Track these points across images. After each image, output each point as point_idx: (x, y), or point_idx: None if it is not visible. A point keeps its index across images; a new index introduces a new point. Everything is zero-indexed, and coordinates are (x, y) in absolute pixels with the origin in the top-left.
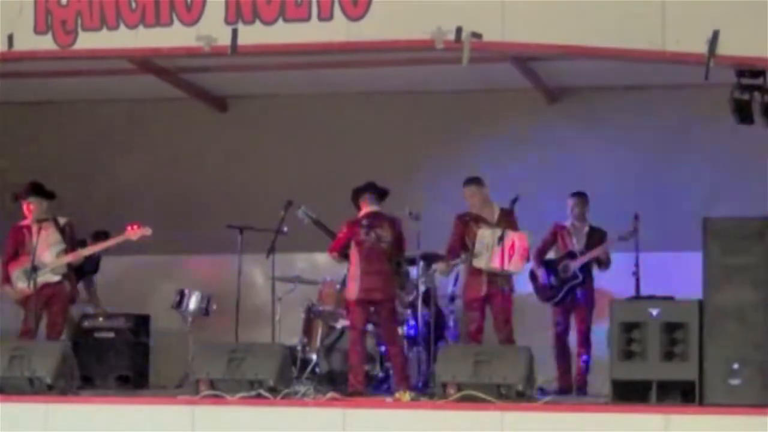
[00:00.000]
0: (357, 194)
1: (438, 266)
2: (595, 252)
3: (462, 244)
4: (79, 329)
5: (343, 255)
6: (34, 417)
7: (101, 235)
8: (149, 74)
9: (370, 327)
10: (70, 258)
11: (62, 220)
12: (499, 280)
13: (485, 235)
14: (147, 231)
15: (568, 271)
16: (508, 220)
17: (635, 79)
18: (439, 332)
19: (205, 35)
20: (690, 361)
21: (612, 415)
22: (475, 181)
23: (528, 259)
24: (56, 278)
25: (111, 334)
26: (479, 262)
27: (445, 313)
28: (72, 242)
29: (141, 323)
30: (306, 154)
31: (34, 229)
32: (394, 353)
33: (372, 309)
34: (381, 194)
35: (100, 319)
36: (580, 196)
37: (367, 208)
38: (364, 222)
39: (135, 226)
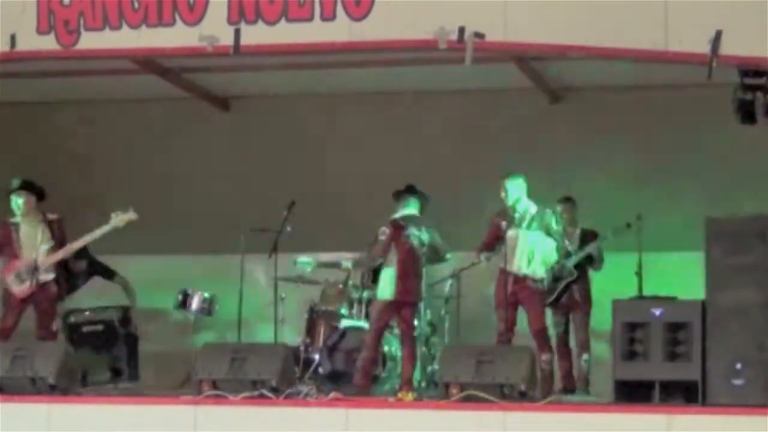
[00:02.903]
0: (398, 196)
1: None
2: (588, 248)
3: (493, 242)
4: (65, 325)
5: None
6: (37, 417)
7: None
8: (152, 74)
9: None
10: (60, 255)
11: (51, 216)
12: (528, 280)
13: (510, 236)
14: (132, 215)
15: (563, 269)
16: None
17: (638, 79)
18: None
19: (207, 35)
20: (693, 361)
21: (615, 415)
22: (502, 178)
23: (549, 263)
24: (50, 276)
25: (100, 327)
26: (503, 263)
27: (441, 314)
28: (61, 239)
29: (128, 314)
30: (308, 154)
31: (23, 227)
32: (409, 355)
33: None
34: (421, 198)
35: (87, 312)
36: (568, 201)
37: (405, 210)
38: (404, 223)
39: (119, 213)
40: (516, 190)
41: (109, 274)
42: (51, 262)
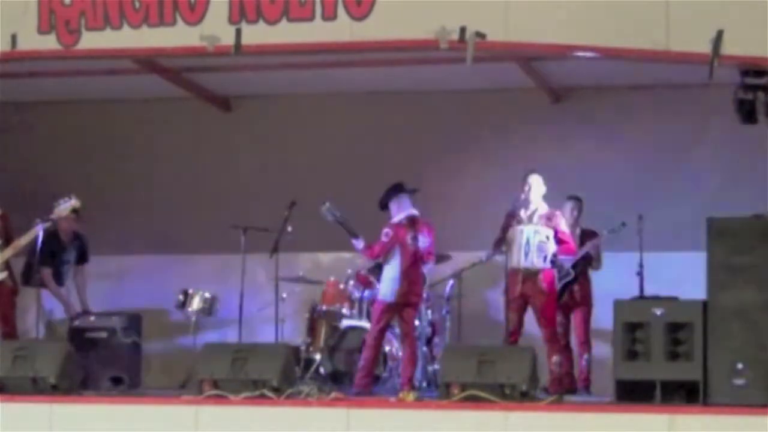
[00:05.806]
0: (389, 196)
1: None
2: (586, 248)
3: (504, 239)
4: (71, 328)
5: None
6: (38, 417)
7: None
8: (153, 74)
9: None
10: (10, 252)
11: None
12: (539, 279)
13: (515, 232)
14: (76, 202)
15: (561, 269)
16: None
17: (639, 79)
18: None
19: (208, 35)
20: (694, 361)
21: (616, 415)
22: (527, 174)
23: (546, 257)
24: (3, 275)
25: (103, 334)
26: (510, 260)
27: (442, 313)
28: (6, 235)
29: (134, 322)
30: (309, 154)
31: None
32: (409, 355)
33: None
34: (411, 195)
35: (92, 318)
36: (578, 200)
37: (407, 210)
38: (408, 225)
39: (61, 202)
40: (538, 188)
41: (83, 257)
42: (2, 260)
